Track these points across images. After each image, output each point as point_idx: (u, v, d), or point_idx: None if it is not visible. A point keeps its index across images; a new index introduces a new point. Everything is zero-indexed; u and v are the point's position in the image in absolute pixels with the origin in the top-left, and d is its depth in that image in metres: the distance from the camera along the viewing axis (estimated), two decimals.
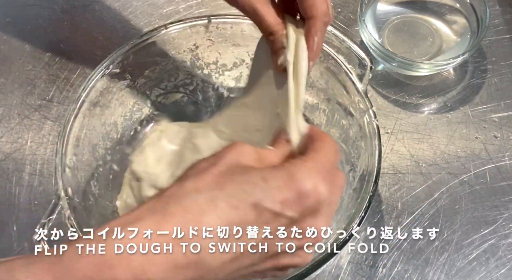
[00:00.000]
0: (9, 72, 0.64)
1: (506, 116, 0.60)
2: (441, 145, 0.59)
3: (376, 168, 0.46)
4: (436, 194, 0.56)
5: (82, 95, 0.51)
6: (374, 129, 0.48)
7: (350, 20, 0.67)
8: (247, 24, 0.54)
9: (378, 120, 0.48)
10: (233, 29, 0.55)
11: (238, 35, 0.56)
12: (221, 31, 0.55)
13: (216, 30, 0.55)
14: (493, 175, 0.57)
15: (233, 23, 0.55)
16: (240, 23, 0.55)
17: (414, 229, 0.54)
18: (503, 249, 0.53)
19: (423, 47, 0.62)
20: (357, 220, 0.45)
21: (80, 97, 0.51)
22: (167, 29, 0.54)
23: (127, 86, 0.56)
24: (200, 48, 0.57)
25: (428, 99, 0.62)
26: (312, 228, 0.34)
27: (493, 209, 0.55)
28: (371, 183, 0.46)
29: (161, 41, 0.54)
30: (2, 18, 0.68)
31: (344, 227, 0.45)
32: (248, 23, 0.54)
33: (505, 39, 0.65)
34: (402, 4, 0.65)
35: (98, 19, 0.68)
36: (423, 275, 0.52)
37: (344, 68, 0.51)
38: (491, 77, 0.63)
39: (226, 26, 0.56)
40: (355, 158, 0.51)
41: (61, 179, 0.47)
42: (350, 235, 0.44)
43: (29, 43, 0.66)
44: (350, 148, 0.52)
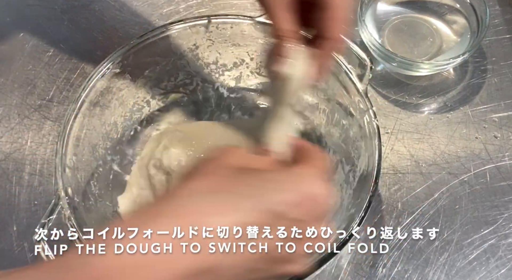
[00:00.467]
0: (9, 72, 0.64)
1: (506, 116, 0.60)
2: (441, 145, 0.59)
3: (376, 168, 0.46)
4: (436, 194, 0.56)
5: (82, 95, 0.51)
6: (374, 129, 0.48)
7: (350, 20, 0.67)
8: (247, 24, 0.54)
9: (378, 120, 0.48)
10: (233, 29, 0.55)
11: (238, 35, 0.56)
12: (221, 31, 0.55)
13: (216, 30, 0.55)
14: (493, 175, 0.57)
15: (233, 23, 0.55)
16: (240, 23, 0.55)
17: (414, 229, 0.54)
18: (503, 249, 0.53)
19: (423, 47, 0.62)
20: (357, 220, 0.45)
21: (80, 97, 0.51)
22: (167, 29, 0.54)
23: (127, 86, 0.56)
24: (200, 48, 0.57)
25: (428, 99, 0.62)
26: (312, 228, 0.34)
27: (493, 209, 0.55)
28: (371, 183, 0.46)
29: (161, 41, 0.54)
30: (2, 18, 0.68)
31: (344, 227, 0.45)
32: (248, 23, 0.54)
33: (505, 39, 0.65)
34: (402, 4, 0.65)
35: (98, 19, 0.68)
36: (423, 275, 0.52)
37: (344, 68, 0.51)
38: (491, 77, 0.63)
39: (226, 26, 0.56)
40: (355, 158, 0.51)
41: (61, 179, 0.47)
42: (350, 235, 0.43)
43: (29, 43, 0.66)
44: (350, 148, 0.52)
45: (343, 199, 0.50)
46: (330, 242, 0.42)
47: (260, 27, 0.54)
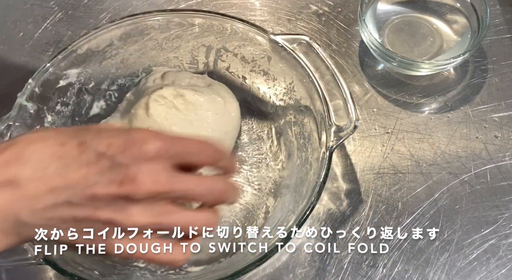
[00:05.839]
0: (9, 72, 0.64)
1: (507, 115, 0.60)
2: (441, 145, 0.59)
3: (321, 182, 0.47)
4: (436, 194, 0.56)
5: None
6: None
7: (351, 20, 0.67)
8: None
9: None
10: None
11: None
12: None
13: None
14: (494, 175, 0.57)
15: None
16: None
17: (414, 229, 0.54)
18: (504, 249, 0.53)
19: (424, 47, 0.62)
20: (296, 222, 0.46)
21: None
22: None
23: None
24: None
25: (429, 99, 0.62)
26: (133, 174, 0.33)
27: (494, 209, 0.55)
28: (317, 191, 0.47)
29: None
30: (2, 18, 0.68)
31: (285, 229, 0.46)
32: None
33: (505, 38, 0.65)
34: (403, 4, 0.65)
35: (98, 19, 0.68)
36: (423, 275, 0.52)
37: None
38: (491, 76, 0.63)
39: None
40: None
41: None
42: (289, 234, 0.45)
43: (29, 43, 0.66)
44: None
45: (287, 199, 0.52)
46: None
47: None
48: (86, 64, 0.56)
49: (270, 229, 0.48)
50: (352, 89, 0.62)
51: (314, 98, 0.52)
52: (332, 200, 0.56)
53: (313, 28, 0.66)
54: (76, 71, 0.56)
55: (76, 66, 0.56)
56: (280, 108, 0.58)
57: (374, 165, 0.58)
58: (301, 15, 0.67)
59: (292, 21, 0.67)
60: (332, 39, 0.65)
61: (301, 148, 0.54)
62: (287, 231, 0.45)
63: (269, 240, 0.46)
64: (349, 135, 0.49)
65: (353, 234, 0.53)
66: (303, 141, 0.54)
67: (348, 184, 0.57)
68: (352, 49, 0.65)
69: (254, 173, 0.57)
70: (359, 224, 0.55)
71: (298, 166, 0.54)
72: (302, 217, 0.46)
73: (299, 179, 0.52)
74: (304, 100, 0.54)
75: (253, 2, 0.68)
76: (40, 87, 0.53)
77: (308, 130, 0.53)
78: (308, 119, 0.53)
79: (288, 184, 0.54)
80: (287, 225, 0.46)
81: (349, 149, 0.59)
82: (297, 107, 0.56)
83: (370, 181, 0.57)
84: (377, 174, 0.57)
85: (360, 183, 0.57)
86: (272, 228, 0.48)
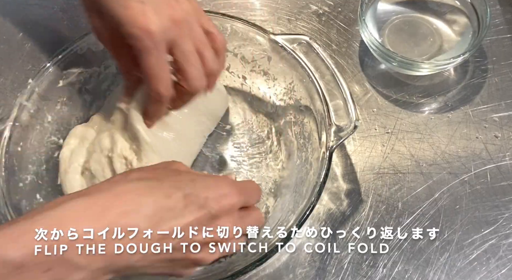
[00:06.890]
0: (9, 72, 0.64)
1: (507, 115, 0.60)
2: (441, 145, 0.59)
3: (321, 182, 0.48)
4: (436, 194, 0.56)
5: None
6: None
7: (351, 20, 0.67)
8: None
9: None
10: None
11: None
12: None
13: None
14: (494, 175, 0.57)
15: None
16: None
17: (415, 229, 0.54)
18: (504, 249, 0.53)
19: (424, 47, 0.62)
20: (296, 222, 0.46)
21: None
22: None
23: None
24: None
25: (429, 99, 0.62)
26: (224, 227, 0.41)
27: (494, 209, 0.55)
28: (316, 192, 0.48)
29: None
30: (2, 18, 0.68)
31: (285, 229, 0.47)
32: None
33: (505, 38, 0.65)
34: (403, 4, 0.65)
35: None
36: (423, 275, 0.52)
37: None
38: (491, 76, 0.63)
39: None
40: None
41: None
42: (289, 234, 0.46)
43: (29, 43, 0.66)
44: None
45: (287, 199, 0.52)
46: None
47: None
48: (86, 64, 0.56)
49: (270, 229, 0.48)
50: (352, 89, 0.62)
51: (314, 98, 0.52)
52: (332, 200, 0.56)
53: (313, 28, 0.66)
54: (76, 71, 0.56)
55: (76, 66, 0.56)
56: (280, 108, 0.58)
57: (374, 165, 0.58)
58: (301, 15, 0.67)
59: (292, 21, 0.67)
60: (332, 39, 0.65)
61: (301, 148, 0.54)
62: (287, 231, 0.45)
63: (269, 240, 0.46)
64: (349, 135, 0.49)
65: (353, 234, 0.53)
66: (303, 141, 0.54)
67: (348, 184, 0.57)
68: (352, 49, 0.65)
69: (254, 173, 0.57)
70: (359, 224, 0.55)
71: (298, 166, 0.54)
72: (302, 217, 0.46)
73: (299, 179, 0.52)
74: (304, 100, 0.54)
75: (253, 2, 0.68)
76: (40, 87, 0.53)
77: (308, 130, 0.53)
78: (308, 119, 0.54)
79: (288, 184, 0.54)
80: (287, 225, 0.46)
81: (349, 149, 0.59)
82: (297, 107, 0.56)
83: (370, 181, 0.57)
84: (377, 174, 0.57)
85: (360, 183, 0.57)
86: (272, 228, 0.48)
